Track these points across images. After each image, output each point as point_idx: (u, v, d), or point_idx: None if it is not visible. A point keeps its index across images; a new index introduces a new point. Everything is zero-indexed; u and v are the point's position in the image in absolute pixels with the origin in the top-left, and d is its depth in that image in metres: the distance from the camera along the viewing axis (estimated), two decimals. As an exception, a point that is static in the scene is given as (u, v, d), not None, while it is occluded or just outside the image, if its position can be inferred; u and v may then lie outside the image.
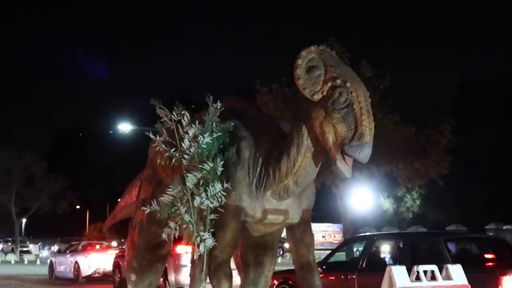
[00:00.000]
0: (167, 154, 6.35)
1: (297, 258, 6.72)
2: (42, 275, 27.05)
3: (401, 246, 10.71)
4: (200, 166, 6.12)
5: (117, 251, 22.08)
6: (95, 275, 23.46)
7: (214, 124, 6.23)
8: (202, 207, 6.16)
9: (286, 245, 37.87)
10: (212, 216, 6.20)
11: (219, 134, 6.26)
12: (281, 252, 37.09)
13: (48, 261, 28.31)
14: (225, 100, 6.50)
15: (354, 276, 10.55)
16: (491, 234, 35.33)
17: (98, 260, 23.69)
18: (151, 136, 6.43)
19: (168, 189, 6.30)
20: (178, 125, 6.26)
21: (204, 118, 6.24)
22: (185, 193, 6.18)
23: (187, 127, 6.22)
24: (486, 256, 10.08)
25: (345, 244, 16.10)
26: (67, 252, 27.20)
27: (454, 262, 9.36)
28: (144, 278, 7.65)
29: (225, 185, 6.10)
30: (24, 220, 61.43)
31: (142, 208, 6.67)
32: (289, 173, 6.04)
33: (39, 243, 60.91)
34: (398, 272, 4.96)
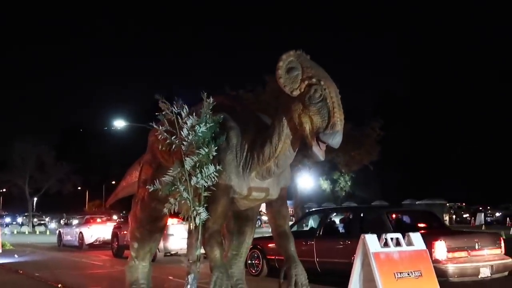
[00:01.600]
0: (168, 141, 5.89)
1: (275, 228, 6.36)
2: (51, 243, 26.23)
3: (351, 217, 10.43)
4: (197, 151, 5.68)
5: (115, 223, 21.48)
6: (96, 243, 22.84)
7: (207, 116, 5.81)
8: (197, 186, 5.73)
9: (264, 218, 37.22)
10: (206, 194, 5.78)
11: (211, 124, 5.84)
12: (259, 224, 36.36)
13: (57, 232, 27.47)
14: (215, 98, 6.10)
15: (313, 242, 10.24)
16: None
17: (98, 230, 23.13)
18: (155, 126, 5.94)
19: (169, 171, 5.85)
20: (178, 117, 5.80)
21: (201, 111, 5.80)
22: (183, 174, 5.73)
23: (185, 118, 5.76)
24: (419, 225, 9.84)
25: (306, 216, 15.70)
26: (73, 224, 26.48)
27: (394, 230, 9.13)
28: (145, 246, 7.21)
29: (217, 167, 5.70)
30: (35, 199, 60.06)
31: (146, 187, 6.17)
32: (271, 157, 5.68)
33: (48, 218, 59.99)
34: (371, 240, 4.63)
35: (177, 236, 15.78)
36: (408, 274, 4.51)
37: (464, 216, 44.30)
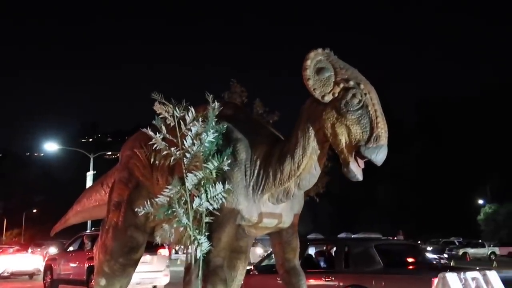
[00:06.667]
0: (165, 152, 4.69)
1: (282, 263, 5.27)
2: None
3: (334, 250, 9.42)
4: (204, 165, 4.52)
5: (49, 255, 19.57)
6: (4, 274, 20.93)
7: (213, 123, 4.68)
8: (200, 209, 4.57)
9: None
10: (208, 219, 4.63)
11: (215, 134, 4.73)
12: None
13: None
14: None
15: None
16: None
17: (7, 261, 21.42)
18: (150, 133, 4.70)
19: (164, 190, 4.63)
20: (181, 122, 4.63)
21: (207, 114, 4.66)
22: (183, 194, 4.55)
23: (190, 124, 4.59)
24: (408, 259, 8.97)
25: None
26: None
27: (385, 265, 8.26)
28: (115, 283, 5.84)
29: (226, 186, 4.56)
30: None
31: (136, 209, 4.90)
32: (292, 176, 4.64)
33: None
34: (453, 280, 3.67)
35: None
36: (495, 322, 3.59)
37: (396, 250, 44.56)
